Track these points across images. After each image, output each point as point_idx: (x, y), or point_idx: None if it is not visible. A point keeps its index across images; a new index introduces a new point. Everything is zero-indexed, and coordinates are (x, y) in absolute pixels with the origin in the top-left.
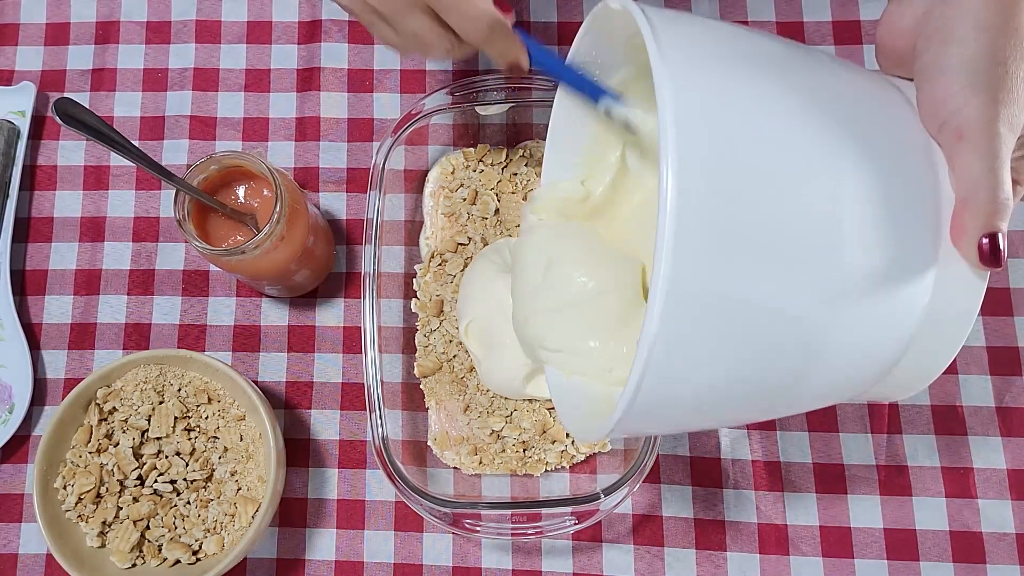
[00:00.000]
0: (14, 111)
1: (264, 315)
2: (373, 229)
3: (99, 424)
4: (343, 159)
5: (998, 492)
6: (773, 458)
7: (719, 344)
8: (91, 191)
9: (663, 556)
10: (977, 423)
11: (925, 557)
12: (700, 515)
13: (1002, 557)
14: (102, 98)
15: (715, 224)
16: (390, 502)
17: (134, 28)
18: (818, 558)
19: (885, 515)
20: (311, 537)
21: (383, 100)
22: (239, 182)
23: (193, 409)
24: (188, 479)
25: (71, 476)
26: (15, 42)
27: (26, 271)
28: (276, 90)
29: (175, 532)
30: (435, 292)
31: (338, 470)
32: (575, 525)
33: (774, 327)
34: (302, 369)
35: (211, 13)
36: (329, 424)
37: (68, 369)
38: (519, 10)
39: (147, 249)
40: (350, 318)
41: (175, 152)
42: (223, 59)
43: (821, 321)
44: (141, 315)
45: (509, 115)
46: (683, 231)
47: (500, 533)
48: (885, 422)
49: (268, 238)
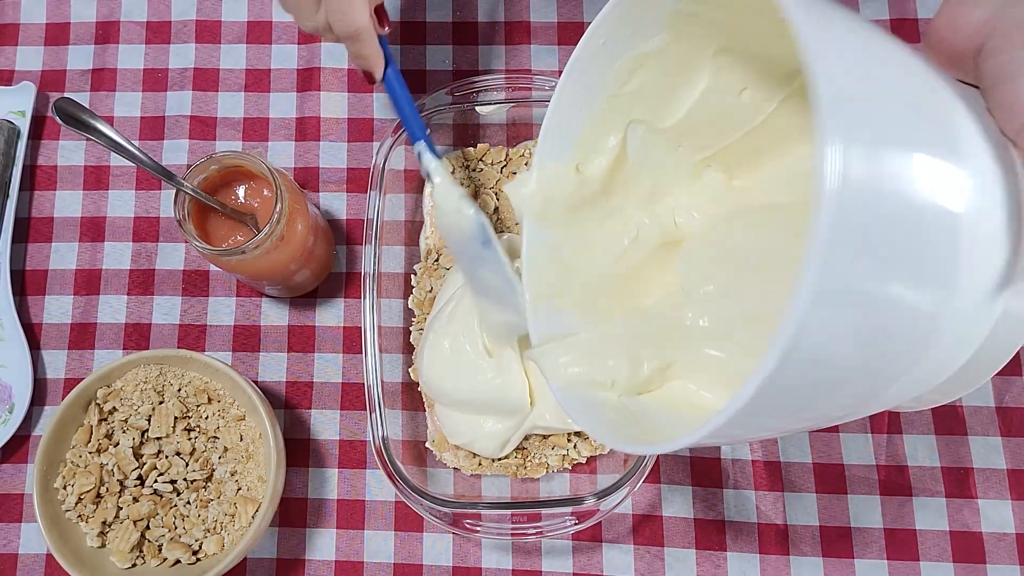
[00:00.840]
0: (14, 111)
1: (264, 315)
2: (373, 229)
3: (99, 424)
4: (343, 159)
5: (998, 492)
6: (773, 458)
7: (845, 340)
8: (91, 191)
9: (663, 556)
10: (977, 423)
11: (925, 557)
12: (700, 515)
13: (1002, 557)
14: (102, 98)
15: (870, 212)
16: (390, 502)
17: (134, 28)
18: (818, 558)
19: (885, 515)
20: (311, 537)
21: (383, 100)
22: (239, 182)
23: (193, 409)
24: (188, 479)
25: (71, 476)
26: (15, 42)
27: (26, 271)
28: (276, 90)
29: (175, 532)
30: (430, 289)
31: (338, 470)
32: (575, 525)
33: (903, 323)
34: (302, 369)
35: (211, 13)
36: (329, 424)
37: (68, 369)
38: (517, 20)
39: (147, 249)
40: (350, 318)
41: (175, 152)
42: (223, 59)
43: (947, 320)
44: (141, 315)
45: (509, 115)
46: (840, 220)
47: (500, 533)
48: (885, 422)
49: (268, 238)
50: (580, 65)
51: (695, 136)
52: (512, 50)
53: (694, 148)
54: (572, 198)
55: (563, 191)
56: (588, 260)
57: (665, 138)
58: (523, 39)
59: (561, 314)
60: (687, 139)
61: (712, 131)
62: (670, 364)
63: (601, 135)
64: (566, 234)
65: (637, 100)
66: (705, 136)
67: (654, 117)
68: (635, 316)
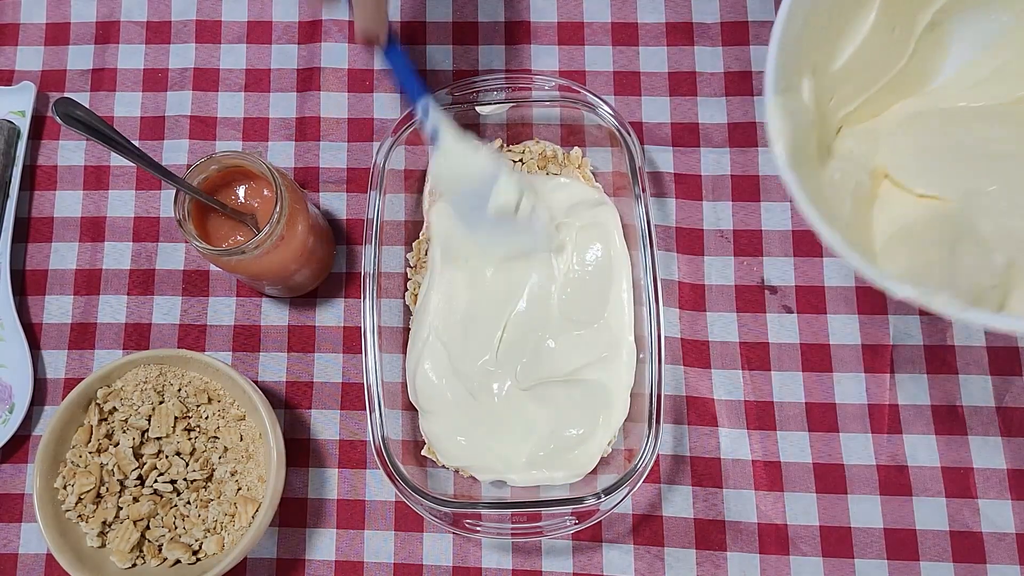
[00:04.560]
0: (14, 111)
1: (264, 315)
2: (373, 229)
3: (99, 424)
4: (343, 159)
5: (998, 492)
6: (773, 458)
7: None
8: (91, 191)
9: (663, 556)
10: (977, 423)
11: (925, 557)
12: (700, 515)
13: (1002, 557)
14: (102, 98)
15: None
16: (390, 502)
17: (134, 28)
18: (818, 558)
19: (885, 515)
20: (311, 537)
21: (383, 100)
22: (239, 182)
23: (193, 409)
24: (188, 479)
25: (71, 476)
26: (15, 42)
27: (26, 271)
28: (276, 90)
29: (175, 532)
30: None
31: (338, 470)
32: (575, 525)
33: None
34: (302, 369)
35: (211, 13)
36: (329, 424)
37: (68, 369)
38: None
39: (147, 249)
40: (350, 318)
41: (175, 152)
42: (223, 59)
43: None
44: (141, 315)
45: (509, 115)
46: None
47: (500, 533)
48: (885, 422)
49: (268, 238)
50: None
51: (849, 83)
52: (512, 50)
53: (841, 101)
54: (807, 137)
55: (804, 128)
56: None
57: (826, 87)
58: (523, 39)
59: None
60: (840, 88)
61: (865, 77)
62: (1012, 261)
63: (798, 74)
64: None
65: (823, 35)
66: (860, 81)
67: (826, 59)
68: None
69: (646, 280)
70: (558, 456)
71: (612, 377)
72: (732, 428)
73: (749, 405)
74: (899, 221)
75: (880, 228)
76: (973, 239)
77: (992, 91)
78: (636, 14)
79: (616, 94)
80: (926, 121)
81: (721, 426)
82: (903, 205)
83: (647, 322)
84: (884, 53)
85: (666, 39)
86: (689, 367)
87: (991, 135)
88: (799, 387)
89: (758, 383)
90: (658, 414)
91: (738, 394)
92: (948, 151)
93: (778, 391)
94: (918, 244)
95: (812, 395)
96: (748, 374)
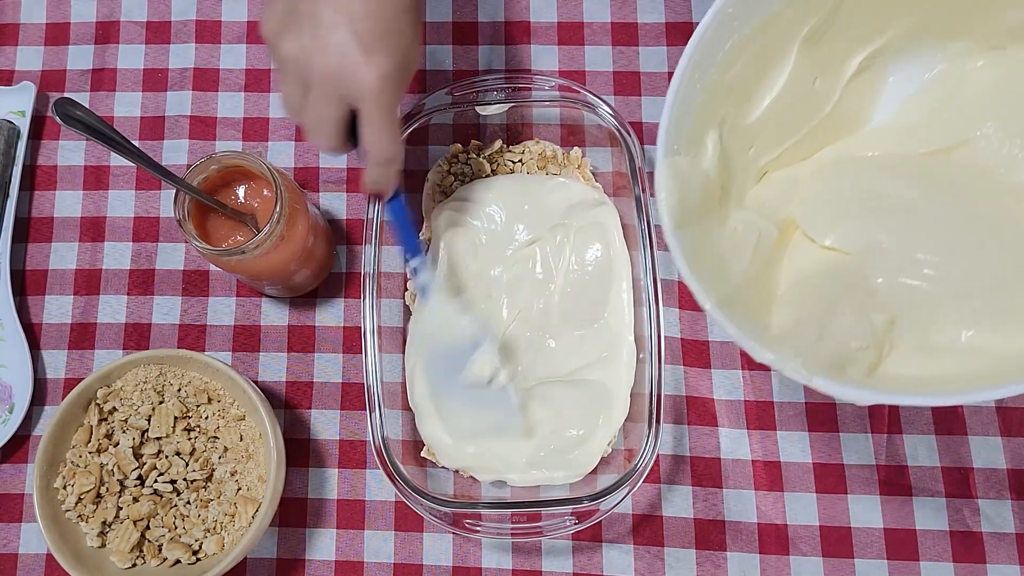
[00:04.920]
0: (14, 111)
1: (264, 315)
2: (373, 229)
3: (99, 424)
4: (343, 159)
5: (998, 492)
6: (773, 458)
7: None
8: (91, 191)
9: (663, 556)
10: (977, 423)
11: (925, 557)
12: (700, 515)
13: (1002, 557)
14: (102, 98)
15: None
16: (390, 502)
17: (134, 28)
18: (818, 558)
19: (885, 515)
20: (311, 537)
21: None
22: (239, 182)
23: (193, 409)
24: (188, 479)
25: (71, 476)
26: (15, 42)
27: (26, 271)
28: (276, 90)
29: (175, 532)
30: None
31: (338, 470)
32: (575, 525)
33: None
34: (302, 369)
35: (211, 13)
36: (329, 424)
37: (68, 369)
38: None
39: (147, 249)
40: (350, 318)
41: (175, 152)
42: (223, 59)
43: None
44: (141, 315)
45: (509, 115)
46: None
47: (500, 533)
48: (885, 422)
49: (268, 238)
50: (705, 38)
51: (767, 134)
52: (512, 50)
53: (761, 149)
54: (711, 198)
55: (699, 194)
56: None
57: (741, 138)
58: (523, 39)
59: (755, 320)
60: (760, 138)
61: (785, 126)
62: (894, 319)
63: (701, 131)
64: (702, 241)
65: (730, 91)
66: (780, 131)
67: (739, 112)
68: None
69: (646, 280)
70: (558, 456)
71: (612, 377)
72: (732, 428)
73: (749, 405)
74: (802, 271)
75: (786, 275)
76: (858, 297)
77: (917, 140)
78: (636, 14)
79: (616, 94)
80: (843, 169)
81: (721, 426)
82: (808, 254)
83: (647, 322)
84: (805, 103)
85: (666, 39)
86: (689, 367)
87: (895, 188)
88: (799, 387)
89: (758, 383)
90: (658, 414)
91: (738, 394)
92: (856, 202)
93: (778, 391)
94: (804, 297)
95: (812, 394)
96: (748, 374)
